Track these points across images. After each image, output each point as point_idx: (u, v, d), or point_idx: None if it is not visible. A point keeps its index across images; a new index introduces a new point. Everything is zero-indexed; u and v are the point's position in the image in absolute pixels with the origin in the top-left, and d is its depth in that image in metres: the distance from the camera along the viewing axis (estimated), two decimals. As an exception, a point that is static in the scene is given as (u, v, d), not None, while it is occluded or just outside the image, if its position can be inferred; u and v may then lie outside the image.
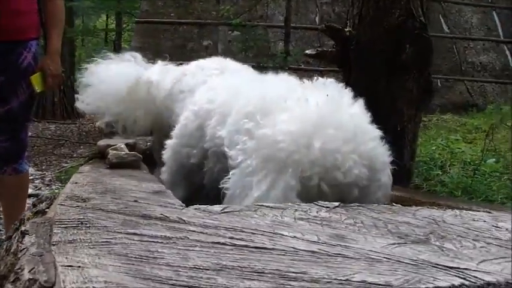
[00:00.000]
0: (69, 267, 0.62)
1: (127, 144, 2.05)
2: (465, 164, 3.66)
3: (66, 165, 6.33)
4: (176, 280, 0.59)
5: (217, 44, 7.66)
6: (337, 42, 2.13)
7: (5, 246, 0.89)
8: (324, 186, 1.22)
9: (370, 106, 2.04)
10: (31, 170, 5.47)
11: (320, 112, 1.28)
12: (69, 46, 9.68)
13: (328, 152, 1.22)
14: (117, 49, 14.89)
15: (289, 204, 1.05)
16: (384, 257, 0.71)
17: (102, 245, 0.72)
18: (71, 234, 0.78)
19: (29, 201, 4.11)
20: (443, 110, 6.42)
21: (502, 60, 7.32)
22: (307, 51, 2.21)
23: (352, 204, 1.09)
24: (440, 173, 3.62)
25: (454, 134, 4.72)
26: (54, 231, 0.79)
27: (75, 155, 6.97)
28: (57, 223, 0.84)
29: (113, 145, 2.02)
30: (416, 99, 2.07)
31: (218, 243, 0.74)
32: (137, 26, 7.96)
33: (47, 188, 5.23)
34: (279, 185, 1.19)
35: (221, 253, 0.69)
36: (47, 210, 1.09)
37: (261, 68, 6.31)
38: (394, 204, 1.17)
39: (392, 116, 2.04)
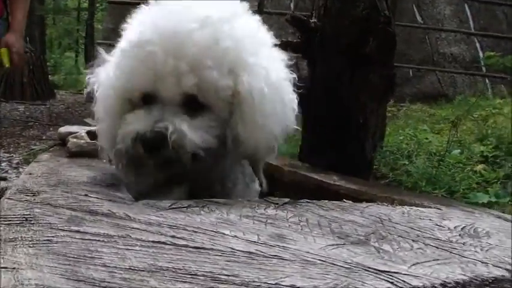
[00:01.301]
0: (4, 269, 0.62)
1: (89, 132, 2.04)
2: (431, 155, 3.74)
3: (34, 147, 6.24)
4: (109, 282, 0.60)
5: (192, 27, 7.58)
6: (302, 33, 2.14)
7: None
8: None
9: (333, 98, 2.07)
10: (-2, 153, 5.39)
11: None
12: (40, 25, 9.47)
13: None
14: (90, 29, 14.65)
15: (240, 200, 1.07)
16: (319, 259, 0.73)
17: (43, 243, 0.73)
18: (13, 232, 0.78)
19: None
20: (413, 99, 6.52)
21: (472, 52, 7.45)
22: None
23: (302, 201, 1.11)
24: (407, 162, 3.69)
25: (422, 124, 4.81)
26: (-4, 228, 0.79)
27: (44, 137, 6.87)
28: (1, 219, 0.84)
29: (73, 132, 2.01)
30: (379, 93, 2.10)
31: (159, 242, 0.75)
32: (110, 7, 7.82)
33: (14, 170, 5.15)
34: None
35: (160, 253, 0.70)
36: (-4, 203, 1.08)
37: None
38: (345, 200, 1.19)
39: (355, 109, 2.07)
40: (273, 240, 0.80)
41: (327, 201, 1.17)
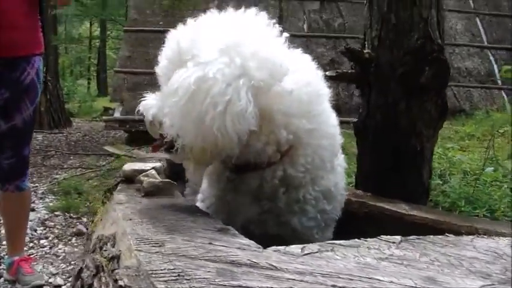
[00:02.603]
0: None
1: (153, 168, 2.07)
2: (464, 173, 3.76)
3: (57, 176, 6.28)
4: None
5: (207, 52, 7.67)
6: (357, 64, 2.18)
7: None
8: None
9: (391, 126, 2.11)
10: (24, 183, 5.41)
11: None
12: (54, 54, 9.60)
13: None
14: (102, 57, 14.88)
15: (357, 241, 1.09)
16: (486, 303, 0.76)
17: (220, 302, 0.75)
18: (178, 290, 0.80)
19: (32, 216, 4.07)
20: (432, 115, 6.55)
21: (486, 66, 7.52)
22: (327, 73, 2.25)
23: (412, 238, 1.14)
24: (441, 182, 3.70)
25: (449, 141, 4.83)
26: (158, 286, 0.81)
27: (65, 166, 6.92)
28: (153, 276, 0.86)
29: (140, 170, 2.04)
30: (434, 120, 2.14)
31: (326, 293, 0.78)
32: (126, 35, 7.93)
33: (40, 201, 5.19)
34: None
35: (338, 307, 0.73)
36: (119, 254, 1.09)
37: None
38: (447, 234, 1.22)
39: (412, 137, 2.10)
40: (429, 283, 0.83)
41: (432, 236, 1.19)
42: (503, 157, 4.01)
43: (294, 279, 0.83)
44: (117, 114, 7.51)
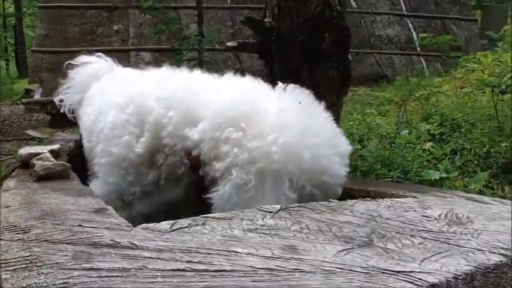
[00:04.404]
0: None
1: (52, 151, 1.97)
2: (382, 138, 3.87)
3: (-26, 166, 5.93)
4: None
5: (128, 28, 7.43)
6: (258, 33, 2.15)
7: None
8: (315, 191, 1.33)
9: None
10: None
11: (301, 120, 1.39)
12: (-36, 36, 8.93)
13: (316, 158, 1.33)
14: (19, 35, 13.97)
15: (234, 212, 1.08)
16: (337, 267, 0.76)
17: None
18: (23, 279, 0.75)
19: None
20: (355, 83, 6.68)
21: (406, 33, 7.73)
22: (228, 44, 2.21)
23: (293, 206, 1.14)
24: (359, 147, 3.79)
25: (368, 107, 4.96)
26: (3, 276, 0.76)
27: (-16, 155, 6.54)
28: (3, 265, 0.81)
29: (36, 153, 1.93)
30: (337, 85, 2.16)
31: (178, 269, 0.75)
32: (40, 12, 7.50)
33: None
34: (281, 199, 1.27)
35: (185, 282, 0.71)
36: (-17, 243, 1.02)
37: (175, 50, 6.22)
38: (331, 200, 1.23)
39: (316, 103, 2.11)
40: (287, 252, 0.82)
41: (315, 203, 1.20)
42: (417, 120, 4.16)
43: (150, 258, 0.80)
44: (37, 96, 7.13)
